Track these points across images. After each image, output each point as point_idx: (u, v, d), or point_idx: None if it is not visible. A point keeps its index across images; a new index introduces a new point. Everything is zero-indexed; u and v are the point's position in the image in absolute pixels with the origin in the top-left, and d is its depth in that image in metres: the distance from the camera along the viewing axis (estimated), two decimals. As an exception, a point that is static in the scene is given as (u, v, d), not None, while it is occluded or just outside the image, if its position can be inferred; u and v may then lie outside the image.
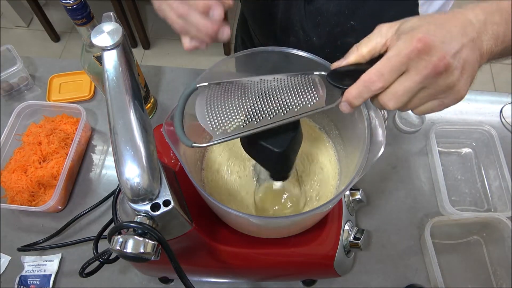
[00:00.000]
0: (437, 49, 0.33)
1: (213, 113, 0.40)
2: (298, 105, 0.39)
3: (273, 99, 0.39)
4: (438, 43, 0.34)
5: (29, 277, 0.71)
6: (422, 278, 0.70)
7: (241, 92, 0.41)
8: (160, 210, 0.40)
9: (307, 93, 0.40)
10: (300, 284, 0.69)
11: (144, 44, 2.13)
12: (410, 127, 0.83)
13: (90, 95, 0.90)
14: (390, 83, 0.35)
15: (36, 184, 0.74)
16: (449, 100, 0.38)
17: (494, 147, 0.77)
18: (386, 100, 0.36)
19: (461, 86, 0.36)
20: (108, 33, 0.41)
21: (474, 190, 0.79)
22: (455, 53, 0.34)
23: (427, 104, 0.38)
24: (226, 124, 0.39)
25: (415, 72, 0.34)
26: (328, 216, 0.58)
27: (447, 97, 0.37)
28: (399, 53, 0.34)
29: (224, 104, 0.40)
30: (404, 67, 0.35)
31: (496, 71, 2.01)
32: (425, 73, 0.34)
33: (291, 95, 0.40)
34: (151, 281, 0.70)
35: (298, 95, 0.39)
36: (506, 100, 0.88)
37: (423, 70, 0.34)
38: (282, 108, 0.39)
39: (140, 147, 0.39)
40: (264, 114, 0.39)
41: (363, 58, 0.39)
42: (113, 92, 0.40)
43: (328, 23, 0.67)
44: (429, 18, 0.36)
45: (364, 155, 0.44)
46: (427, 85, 0.35)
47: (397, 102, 0.36)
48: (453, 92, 0.36)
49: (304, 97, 0.39)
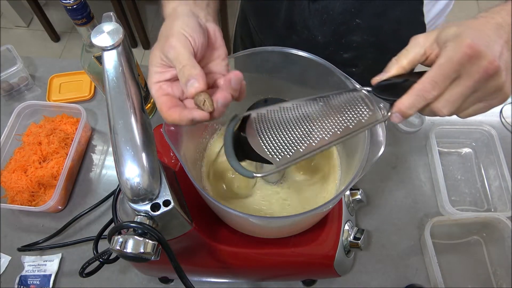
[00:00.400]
0: (485, 53, 0.35)
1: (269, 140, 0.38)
2: (352, 121, 0.39)
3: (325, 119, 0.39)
4: (484, 48, 0.35)
5: (29, 277, 0.71)
6: (422, 278, 0.70)
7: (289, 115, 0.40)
8: (160, 210, 0.40)
9: (358, 109, 0.40)
10: (300, 284, 0.69)
11: (144, 44, 2.13)
12: (410, 127, 0.83)
13: (90, 95, 0.90)
14: (443, 90, 0.36)
15: (36, 184, 0.74)
16: (496, 101, 0.38)
17: (494, 147, 0.77)
18: (440, 107, 0.37)
19: (507, 87, 0.37)
20: (108, 33, 0.41)
21: (474, 190, 0.79)
22: (499, 55, 0.36)
23: (473, 106, 0.39)
24: (285, 150, 0.37)
25: (467, 77, 0.35)
26: (328, 216, 0.58)
27: (494, 98, 0.38)
28: (451, 59, 0.35)
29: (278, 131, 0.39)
30: (456, 73, 0.36)
31: (496, 71, 2.01)
32: (477, 77, 0.35)
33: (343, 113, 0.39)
34: (151, 281, 0.70)
35: (350, 112, 0.39)
36: (506, 100, 0.88)
37: (475, 74, 0.35)
38: (337, 127, 0.38)
39: (140, 147, 0.39)
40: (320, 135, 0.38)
41: (404, 70, 0.40)
42: (113, 92, 0.40)
43: (333, 21, 0.67)
44: (466, 24, 0.37)
45: (364, 155, 0.44)
46: (478, 89, 0.36)
47: (451, 108, 0.37)
48: (500, 93, 0.37)
49: (356, 113, 0.39)
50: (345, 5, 0.64)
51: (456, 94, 0.36)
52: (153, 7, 2.31)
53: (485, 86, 0.36)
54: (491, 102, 0.38)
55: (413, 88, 0.37)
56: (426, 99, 0.37)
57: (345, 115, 0.39)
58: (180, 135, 0.48)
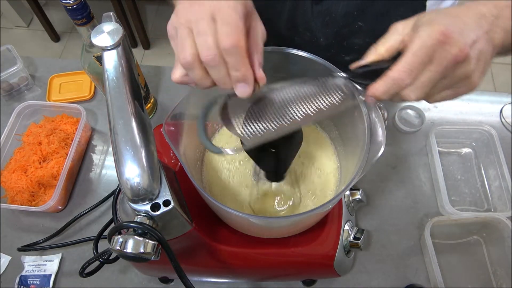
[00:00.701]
0: (457, 40, 0.35)
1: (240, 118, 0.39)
2: (326, 104, 0.39)
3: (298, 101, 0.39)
4: (457, 34, 0.35)
5: (29, 277, 0.71)
6: (422, 278, 0.70)
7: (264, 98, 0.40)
8: (160, 210, 0.40)
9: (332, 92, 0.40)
10: (300, 284, 0.69)
11: (144, 44, 2.13)
12: (410, 127, 0.83)
13: (90, 95, 0.90)
14: (417, 77, 0.36)
15: (36, 184, 0.74)
16: (463, 90, 0.39)
17: (494, 147, 0.77)
18: (409, 92, 0.37)
19: (476, 76, 0.37)
20: (108, 33, 0.41)
21: (474, 190, 0.79)
22: (472, 43, 0.35)
23: (441, 93, 0.39)
24: (256, 128, 0.38)
25: (437, 63, 0.35)
26: (328, 216, 0.58)
27: (461, 87, 0.38)
28: (424, 45, 0.35)
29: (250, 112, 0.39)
30: (429, 59, 0.35)
31: (496, 71, 2.01)
32: (446, 63, 0.35)
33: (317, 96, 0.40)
34: (151, 281, 0.70)
35: (324, 95, 0.40)
36: (506, 100, 0.88)
37: (444, 60, 0.35)
38: (311, 109, 0.39)
39: (140, 147, 0.39)
40: (293, 116, 0.38)
41: (382, 57, 0.40)
42: (113, 92, 0.40)
43: (336, 23, 0.67)
44: (444, 11, 0.37)
45: (364, 155, 0.44)
46: (446, 75, 0.36)
47: (419, 93, 0.37)
48: (468, 82, 0.37)
49: (330, 96, 0.40)
50: (348, 8, 0.64)
51: (425, 79, 0.36)
52: (153, 7, 2.31)
53: (454, 73, 0.36)
54: (458, 90, 0.38)
55: (388, 75, 0.37)
56: (401, 86, 0.37)
57: (318, 98, 0.40)
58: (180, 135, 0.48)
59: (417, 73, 0.36)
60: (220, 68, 0.35)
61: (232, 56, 0.34)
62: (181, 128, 0.48)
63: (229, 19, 0.34)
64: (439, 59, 0.35)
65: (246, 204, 0.57)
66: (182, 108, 0.48)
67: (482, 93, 0.90)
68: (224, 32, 0.34)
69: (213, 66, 0.35)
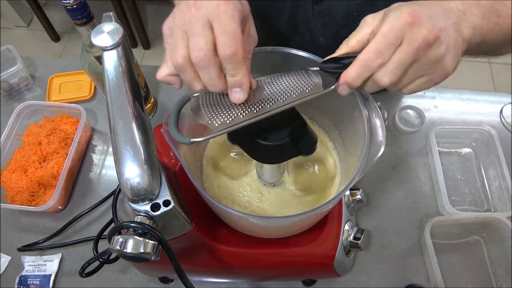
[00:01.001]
0: (425, 22, 0.35)
1: (210, 108, 0.39)
2: (296, 91, 0.39)
3: (270, 89, 0.40)
4: (426, 18, 0.35)
5: (29, 277, 0.71)
6: (422, 278, 0.70)
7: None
8: (160, 210, 0.40)
9: (304, 81, 0.40)
10: (300, 284, 0.69)
11: (144, 44, 2.13)
12: (410, 127, 0.83)
13: (90, 95, 0.90)
14: (388, 59, 0.36)
15: (36, 184, 0.74)
16: (436, 76, 0.38)
17: (494, 147, 0.77)
18: (382, 74, 0.37)
19: (448, 61, 0.37)
20: (108, 33, 0.41)
21: (474, 190, 0.79)
22: (442, 29, 0.36)
23: (415, 82, 0.39)
24: (224, 116, 0.38)
25: (407, 44, 0.35)
26: (328, 216, 0.58)
27: (435, 73, 0.38)
28: (393, 27, 0.35)
29: (220, 99, 0.40)
30: (398, 40, 0.36)
31: (496, 71, 2.01)
32: (416, 45, 0.35)
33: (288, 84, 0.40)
34: (151, 281, 0.70)
35: (295, 84, 0.40)
36: (506, 100, 0.88)
37: (414, 42, 0.35)
38: (280, 96, 0.39)
39: (140, 147, 0.39)
40: (262, 103, 0.39)
41: (353, 49, 0.40)
42: (113, 92, 0.40)
43: (336, 23, 0.67)
44: (413, 2, 0.38)
45: (364, 155, 0.44)
46: (418, 59, 0.36)
47: (392, 76, 0.37)
48: (440, 67, 0.37)
49: (301, 84, 0.40)
50: (348, 8, 0.64)
51: (396, 61, 0.36)
52: (153, 7, 2.31)
53: (425, 56, 0.36)
54: (432, 76, 0.38)
55: (357, 59, 0.37)
56: (371, 68, 0.37)
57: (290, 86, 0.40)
58: (180, 135, 0.48)
59: (386, 54, 0.36)
60: (210, 70, 0.36)
61: (231, 64, 0.35)
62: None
63: (228, 28, 0.35)
64: (409, 41, 0.35)
65: (246, 204, 0.57)
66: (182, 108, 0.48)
67: (482, 93, 0.90)
68: (223, 42, 0.34)
69: (203, 68, 0.35)
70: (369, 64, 0.36)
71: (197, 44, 0.35)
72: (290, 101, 0.39)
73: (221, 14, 0.35)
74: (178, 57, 0.36)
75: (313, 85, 0.40)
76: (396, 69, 0.36)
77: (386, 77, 0.37)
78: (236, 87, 0.37)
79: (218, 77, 0.36)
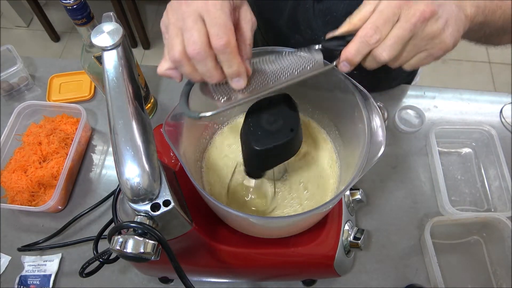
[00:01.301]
0: None
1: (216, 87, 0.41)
2: (297, 69, 0.40)
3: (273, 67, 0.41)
4: None
5: (29, 277, 0.71)
6: (422, 278, 0.70)
7: None
8: (160, 210, 0.40)
9: (305, 59, 0.41)
10: (300, 284, 0.69)
11: (144, 44, 2.13)
12: (410, 127, 0.83)
13: (90, 95, 0.90)
14: (385, 35, 0.38)
15: (36, 184, 0.74)
16: (435, 50, 0.39)
17: (494, 147, 0.77)
18: (381, 50, 0.38)
19: (447, 36, 0.38)
20: (108, 33, 0.41)
21: (474, 190, 0.79)
22: (439, 4, 0.37)
23: (416, 57, 0.40)
24: (229, 93, 0.40)
25: (405, 20, 0.37)
26: (328, 216, 0.58)
27: (433, 47, 0.39)
28: (390, 4, 0.37)
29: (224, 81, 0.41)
30: (396, 17, 0.37)
31: (496, 71, 2.01)
32: (413, 20, 0.36)
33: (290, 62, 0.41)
34: (151, 281, 0.70)
35: (297, 62, 0.41)
36: (506, 100, 0.88)
37: (412, 17, 0.36)
38: (282, 73, 0.40)
39: (140, 147, 0.39)
40: (265, 81, 0.40)
41: (355, 26, 0.40)
42: (113, 92, 0.40)
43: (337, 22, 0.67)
44: None
45: (364, 155, 0.44)
46: (416, 34, 0.38)
47: (391, 51, 0.38)
48: (439, 42, 0.39)
49: (303, 62, 0.41)
50: (349, 7, 0.64)
51: (394, 37, 0.37)
52: (153, 7, 2.31)
53: (423, 31, 0.37)
54: (431, 51, 0.39)
55: (356, 35, 0.38)
56: (370, 44, 0.38)
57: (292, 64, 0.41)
58: (180, 135, 0.48)
59: (384, 30, 0.37)
60: (206, 63, 0.37)
61: (225, 54, 0.36)
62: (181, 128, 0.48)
63: (218, 20, 0.36)
64: (406, 16, 0.37)
65: (246, 204, 0.57)
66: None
67: (482, 93, 0.90)
68: (215, 33, 0.36)
69: (199, 61, 0.37)
70: (367, 40, 0.38)
71: (191, 39, 0.36)
72: (292, 78, 0.40)
73: (210, 7, 0.36)
74: (175, 52, 0.37)
75: (315, 62, 0.41)
76: (395, 44, 0.37)
77: (385, 53, 0.38)
78: (234, 76, 0.38)
79: (215, 68, 0.38)
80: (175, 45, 0.37)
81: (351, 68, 0.40)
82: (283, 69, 0.41)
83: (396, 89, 0.89)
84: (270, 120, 0.44)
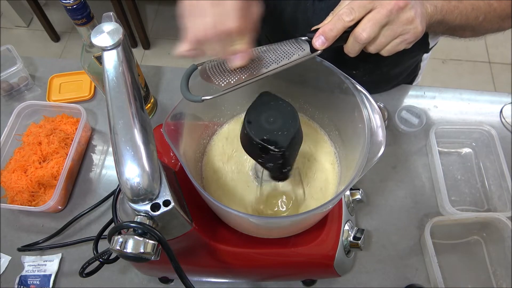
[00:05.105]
0: None
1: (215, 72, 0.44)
2: (288, 57, 0.45)
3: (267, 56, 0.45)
4: None
5: (29, 277, 0.71)
6: (422, 278, 0.70)
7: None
8: (160, 210, 0.40)
9: (295, 49, 0.46)
10: (300, 284, 0.69)
11: (144, 44, 2.13)
12: (410, 127, 0.83)
13: (90, 95, 0.90)
14: (358, 17, 0.44)
15: (36, 184, 0.74)
16: (409, 35, 0.46)
17: (494, 147, 0.77)
18: (360, 30, 0.44)
19: (419, 23, 0.45)
20: (108, 33, 0.41)
21: (474, 190, 0.79)
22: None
23: (392, 42, 0.46)
24: (229, 77, 0.43)
25: (381, 7, 0.43)
26: (328, 216, 0.58)
27: (408, 32, 0.45)
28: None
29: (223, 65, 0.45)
30: (370, 5, 0.44)
31: (496, 71, 2.01)
32: (389, 7, 0.43)
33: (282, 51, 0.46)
34: (151, 281, 0.70)
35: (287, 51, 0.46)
36: (506, 100, 0.88)
37: (387, 5, 0.43)
38: (276, 60, 0.44)
39: (140, 147, 0.39)
40: (260, 67, 0.44)
41: None
42: (113, 92, 0.40)
43: None
44: None
45: (364, 155, 0.44)
46: (392, 20, 0.44)
47: (369, 32, 0.44)
48: (413, 27, 0.45)
49: (292, 51, 0.45)
50: None
51: (372, 19, 0.43)
52: (153, 7, 2.31)
53: (398, 18, 0.44)
54: (405, 36, 0.46)
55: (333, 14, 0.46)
56: (344, 22, 0.44)
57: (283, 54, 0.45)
58: (180, 135, 0.48)
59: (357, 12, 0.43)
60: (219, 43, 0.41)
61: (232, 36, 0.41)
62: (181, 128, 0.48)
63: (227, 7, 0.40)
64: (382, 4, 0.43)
65: (245, 204, 0.57)
66: (182, 108, 0.49)
67: (482, 93, 0.90)
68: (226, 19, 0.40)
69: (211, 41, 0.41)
70: (342, 18, 0.44)
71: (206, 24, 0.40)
72: (284, 63, 0.44)
73: None
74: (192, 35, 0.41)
75: (302, 50, 0.46)
76: (373, 26, 0.44)
77: (365, 32, 0.44)
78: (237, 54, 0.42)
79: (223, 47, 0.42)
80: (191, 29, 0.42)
81: (327, 44, 0.45)
82: (276, 57, 0.45)
83: (396, 89, 0.89)
84: (269, 121, 0.44)
